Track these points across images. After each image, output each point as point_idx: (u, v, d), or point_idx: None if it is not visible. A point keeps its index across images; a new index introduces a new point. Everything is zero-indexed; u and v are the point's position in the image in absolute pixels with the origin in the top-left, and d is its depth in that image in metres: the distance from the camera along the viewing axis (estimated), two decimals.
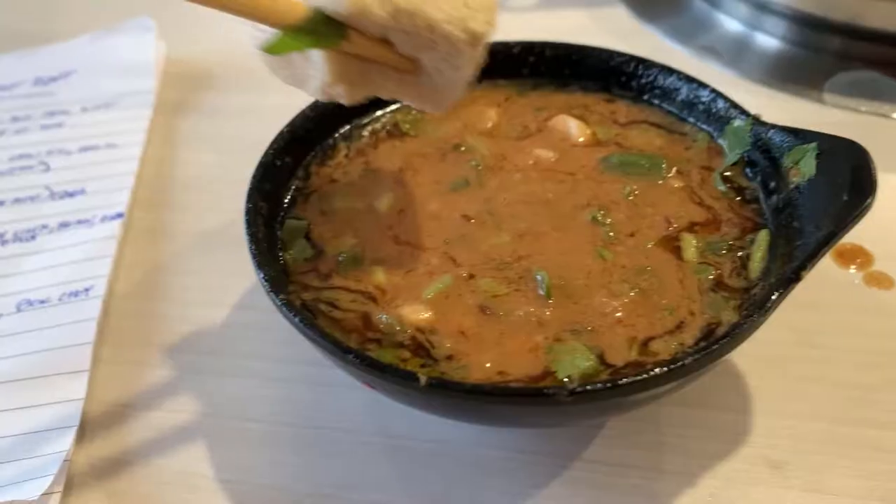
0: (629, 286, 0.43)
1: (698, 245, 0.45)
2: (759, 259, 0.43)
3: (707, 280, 0.43)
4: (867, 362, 0.49)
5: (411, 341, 0.41)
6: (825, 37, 0.74)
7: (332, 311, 0.44)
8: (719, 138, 0.51)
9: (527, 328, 0.41)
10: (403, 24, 0.39)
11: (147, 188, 0.65)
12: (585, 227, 0.47)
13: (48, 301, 0.55)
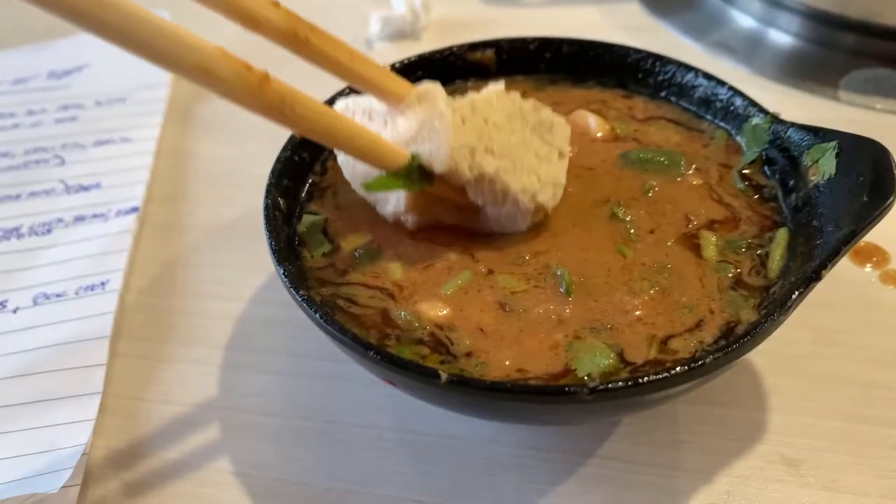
0: (649, 284, 0.43)
1: (717, 243, 0.45)
2: (779, 258, 0.43)
3: (727, 278, 0.43)
4: (884, 360, 0.49)
5: (430, 338, 0.41)
6: (839, 34, 0.73)
7: (350, 307, 0.44)
8: (737, 136, 0.51)
9: (546, 325, 0.41)
10: (483, 185, 0.44)
11: (162, 182, 0.65)
12: (605, 223, 0.47)
13: (65, 295, 0.55)
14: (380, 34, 0.79)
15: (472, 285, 0.44)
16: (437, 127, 0.42)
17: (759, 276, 0.43)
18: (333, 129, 0.41)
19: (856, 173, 0.42)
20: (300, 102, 0.39)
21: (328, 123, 0.41)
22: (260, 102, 0.38)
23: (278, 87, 0.38)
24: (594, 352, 0.39)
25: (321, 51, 0.42)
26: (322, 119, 0.40)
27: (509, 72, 0.57)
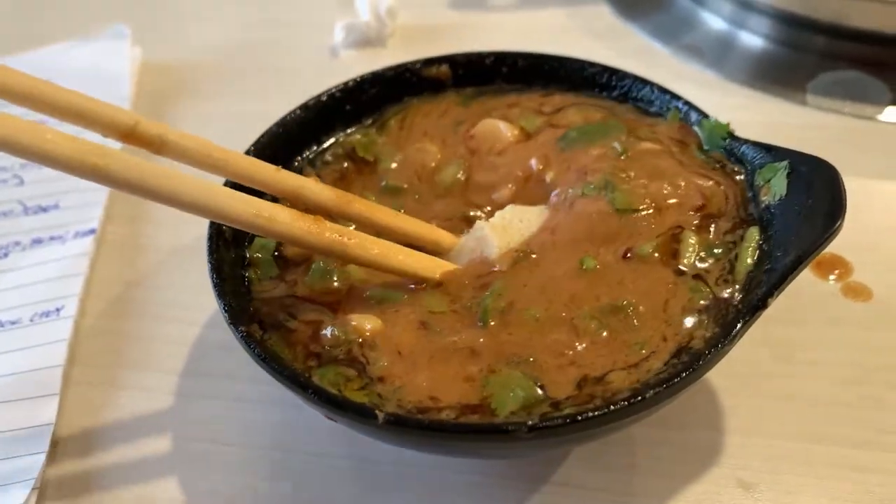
0: (598, 324, 0.41)
1: (696, 245, 0.43)
2: (748, 262, 0.41)
3: (696, 302, 0.41)
4: (845, 378, 0.49)
5: (347, 356, 0.41)
6: (809, 36, 0.73)
7: (288, 321, 0.44)
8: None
9: (459, 355, 0.40)
10: None
11: (121, 201, 0.64)
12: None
13: (19, 322, 0.54)
14: (345, 42, 0.78)
15: (407, 301, 0.44)
16: (484, 244, 0.45)
17: (726, 284, 0.41)
18: (387, 259, 0.44)
19: (806, 195, 0.41)
20: (354, 237, 0.44)
21: (381, 252, 0.44)
22: (319, 241, 0.43)
23: (333, 226, 0.43)
24: (511, 385, 0.38)
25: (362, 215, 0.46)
26: (374, 248, 0.44)
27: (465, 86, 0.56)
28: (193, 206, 0.40)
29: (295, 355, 0.42)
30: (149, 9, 0.88)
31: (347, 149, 0.53)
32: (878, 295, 0.53)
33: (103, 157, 0.37)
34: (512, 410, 0.37)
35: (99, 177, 0.37)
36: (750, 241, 0.43)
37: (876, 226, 0.57)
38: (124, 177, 0.37)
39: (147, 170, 0.38)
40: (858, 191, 0.59)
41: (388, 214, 0.46)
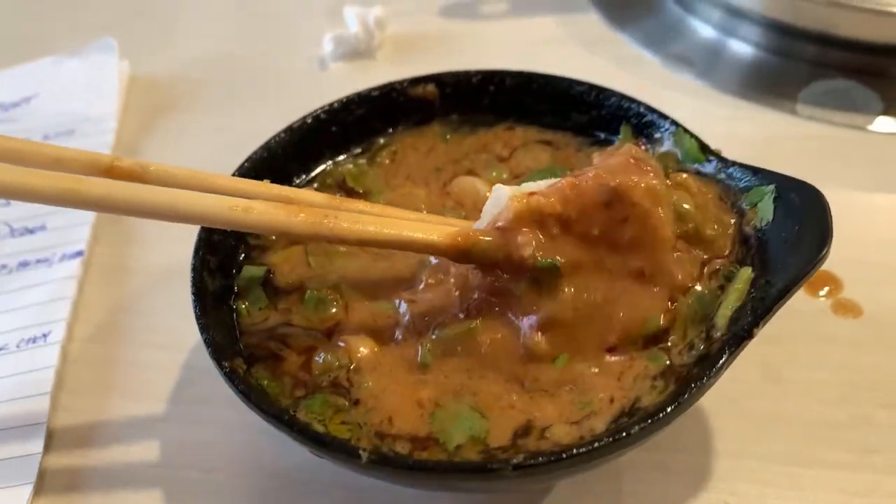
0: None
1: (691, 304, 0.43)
2: (730, 309, 0.41)
3: (654, 368, 0.41)
4: (835, 397, 0.49)
5: (332, 382, 0.42)
6: (799, 44, 0.72)
7: (280, 350, 0.44)
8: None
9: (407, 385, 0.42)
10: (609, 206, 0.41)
11: (108, 222, 0.64)
12: None
13: (6, 348, 0.54)
14: (334, 54, 0.78)
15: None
16: (496, 203, 0.43)
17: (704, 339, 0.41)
18: (386, 231, 0.42)
19: (792, 220, 0.41)
20: (343, 213, 0.42)
21: (379, 227, 0.42)
22: (302, 224, 0.41)
23: (317, 209, 0.42)
24: (459, 418, 0.39)
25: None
26: (371, 223, 0.42)
27: (452, 107, 0.55)
28: (162, 212, 0.40)
29: (282, 387, 0.42)
30: (135, 21, 0.87)
31: (338, 178, 0.53)
32: (869, 311, 0.53)
33: (75, 182, 0.38)
34: (459, 443, 0.38)
35: (68, 200, 0.38)
36: (740, 284, 0.42)
37: (867, 240, 0.57)
38: (93, 196, 0.38)
39: (114, 186, 0.39)
40: (849, 204, 0.60)
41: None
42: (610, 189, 0.41)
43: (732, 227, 0.45)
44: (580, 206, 0.41)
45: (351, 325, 0.45)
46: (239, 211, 0.40)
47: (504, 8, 0.83)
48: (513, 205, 0.41)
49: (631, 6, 0.84)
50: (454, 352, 0.43)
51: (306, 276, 0.48)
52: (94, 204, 0.39)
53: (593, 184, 0.41)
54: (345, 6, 0.80)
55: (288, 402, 0.41)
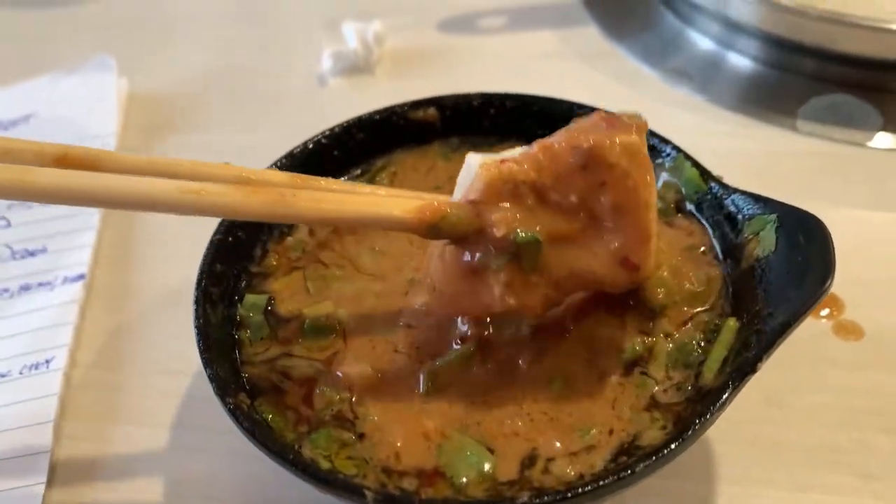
0: (546, 416, 0.42)
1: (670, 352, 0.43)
2: (719, 359, 0.41)
3: (644, 396, 0.42)
4: (837, 422, 0.49)
5: (335, 417, 0.42)
6: (798, 58, 0.72)
7: (282, 382, 0.44)
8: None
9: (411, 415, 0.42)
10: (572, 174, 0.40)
11: (109, 243, 0.64)
12: None
13: (9, 375, 0.54)
14: (333, 70, 0.78)
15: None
16: (468, 172, 0.40)
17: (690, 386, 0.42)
18: (347, 208, 0.40)
19: (795, 251, 0.41)
20: (301, 191, 0.39)
21: (339, 203, 0.40)
22: (258, 204, 0.38)
23: (274, 188, 0.39)
24: (465, 451, 0.39)
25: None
26: (331, 200, 0.40)
27: (453, 130, 0.55)
28: (111, 199, 0.38)
29: (286, 421, 0.42)
30: (132, 37, 0.87)
31: None
32: (869, 333, 0.53)
33: (23, 172, 0.37)
34: (465, 477, 0.39)
35: (16, 191, 0.37)
36: (726, 335, 0.42)
37: (867, 259, 0.57)
38: (42, 186, 0.37)
39: (63, 176, 0.37)
40: (850, 223, 0.60)
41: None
42: (584, 151, 0.39)
43: (717, 279, 0.45)
44: (555, 171, 0.39)
45: (350, 353, 0.45)
46: (190, 194, 0.37)
47: (502, 22, 0.83)
48: (483, 173, 0.39)
49: (630, 19, 0.84)
50: (455, 379, 0.43)
51: (305, 302, 0.48)
52: (44, 194, 0.37)
53: (567, 146, 0.39)
54: (343, 22, 0.80)
55: (292, 437, 0.41)
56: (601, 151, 0.39)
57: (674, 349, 0.42)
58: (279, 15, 0.89)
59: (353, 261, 0.50)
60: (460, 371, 0.43)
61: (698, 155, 0.51)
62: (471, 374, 0.43)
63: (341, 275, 0.49)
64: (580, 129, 0.40)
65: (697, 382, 0.41)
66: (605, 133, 0.39)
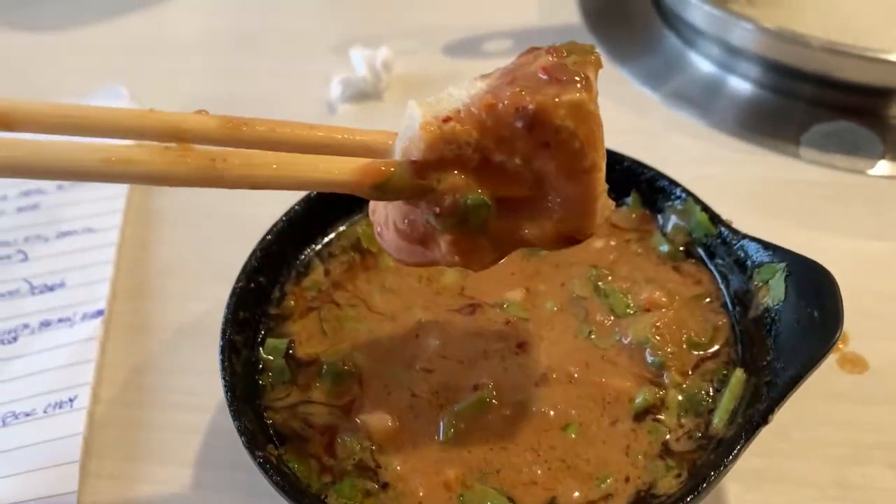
0: (562, 463, 0.43)
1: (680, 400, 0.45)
2: (728, 409, 0.43)
3: (657, 443, 0.43)
4: (844, 456, 0.50)
5: (357, 467, 0.43)
6: (799, 83, 0.73)
7: (304, 430, 0.45)
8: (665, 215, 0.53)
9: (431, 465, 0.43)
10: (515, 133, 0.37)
11: (126, 276, 0.65)
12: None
13: (33, 413, 0.55)
14: (342, 97, 0.79)
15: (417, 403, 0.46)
16: (410, 124, 0.37)
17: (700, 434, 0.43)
18: (283, 173, 0.37)
19: (804, 301, 0.42)
20: (232, 155, 0.36)
21: (275, 167, 0.36)
22: (189, 168, 0.35)
23: (204, 151, 0.36)
24: (486, 502, 0.41)
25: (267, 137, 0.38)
26: (266, 165, 0.36)
27: None
28: (23, 168, 0.34)
29: (310, 471, 0.43)
30: (140, 62, 0.88)
31: (353, 240, 0.54)
32: (874, 366, 0.54)
33: None
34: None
35: None
36: (734, 387, 0.44)
37: (871, 291, 0.58)
38: None
39: None
40: (853, 253, 0.61)
41: (302, 128, 0.39)
42: (529, 113, 0.36)
43: (724, 328, 0.47)
44: (498, 133, 0.37)
45: (367, 400, 0.46)
46: (115, 163, 0.34)
47: (507, 45, 0.84)
48: (425, 135, 0.37)
49: (633, 41, 0.85)
50: (473, 425, 0.44)
51: (322, 345, 0.49)
52: None
53: (510, 106, 0.36)
54: (350, 48, 0.81)
55: (318, 486, 0.42)
56: (545, 115, 0.36)
57: (684, 399, 0.44)
58: (286, 41, 0.89)
59: (365, 300, 0.52)
60: (478, 416, 0.45)
61: (702, 183, 0.53)
62: (488, 419, 0.45)
63: (354, 315, 0.51)
64: (524, 80, 0.37)
65: (708, 430, 0.42)
66: (551, 90, 0.36)
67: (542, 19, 0.88)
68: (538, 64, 0.38)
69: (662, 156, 0.70)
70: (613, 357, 0.46)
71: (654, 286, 0.49)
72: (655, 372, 0.45)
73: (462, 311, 0.51)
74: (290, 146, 0.38)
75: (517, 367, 0.47)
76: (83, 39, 0.92)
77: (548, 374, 0.46)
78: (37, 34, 0.94)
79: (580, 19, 0.87)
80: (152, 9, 0.96)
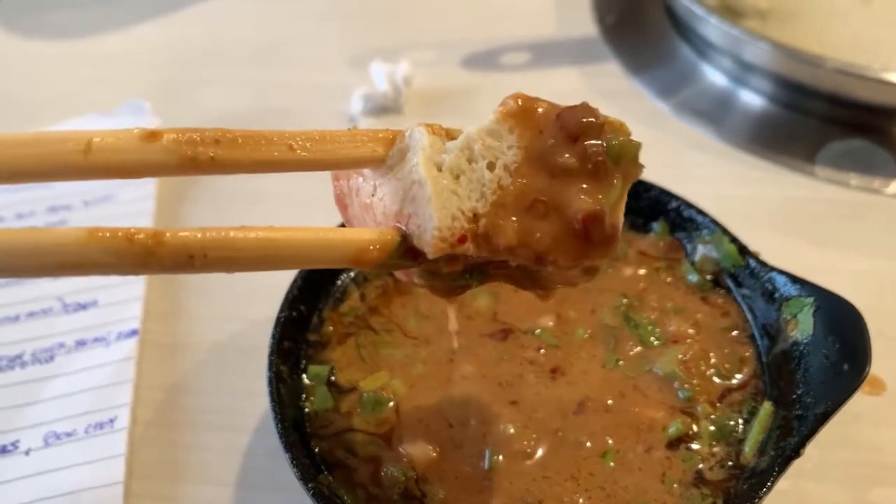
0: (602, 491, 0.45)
1: (710, 429, 0.47)
2: (757, 440, 0.45)
3: (691, 471, 0.45)
4: (863, 477, 0.52)
5: (403, 494, 0.45)
6: (812, 101, 0.75)
7: (348, 459, 0.47)
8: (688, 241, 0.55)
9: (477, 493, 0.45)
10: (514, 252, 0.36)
11: (158, 296, 0.66)
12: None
13: (74, 434, 0.57)
14: (363, 111, 0.80)
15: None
16: (418, 196, 0.35)
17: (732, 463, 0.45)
18: (269, 254, 0.34)
19: (833, 337, 0.44)
20: (213, 245, 0.33)
21: (258, 250, 0.34)
22: (162, 266, 0.32)
23: (178, 240, 0.32)
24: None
25: (241, 160, 0.35)
26: (249, 249, 0.34)
27: None
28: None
29: (357, 499, 0.45)
30: (162, 75, 0.88)
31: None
32: (892, 387, 0.56)
33: None
34: None
35: None
36: (763, 418, 0.46)
37: (887, 311, 0.60)
38: None
39: None
40: (870, 273, 0.63)
41: (281, 147, 0.36)
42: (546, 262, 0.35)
43: (751, 360, 0.49)
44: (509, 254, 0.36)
45: (405, 430, 0.48)
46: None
47: (525, 59, 0.85)
48: (435, 250, 0.35)
49: (648, 53, 0.86)
50: (513, 453, 0.46)
51: (361, 371, 0.51)
52: None
53: (530, 252, 0.36)
54: (370, 62, 0.82)
55: None
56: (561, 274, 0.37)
57: (715, 429, 0.46)
58: (307, 53, 0.90)
59: (400, 325, 0.53)
60: (518, 445, 0.46)
61: (721, 203, 0.55)
62: (527, 448, 0.46)
63: (390, 340, 0.53)
64: (554, 193, 0.36)
65: (739, 460, 0.44)
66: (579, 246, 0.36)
67: (560, 31, 0.89)
68: (576, 189, 0.35)
69: (680, 175, 0.72)
70: (644, 387, 0.48)
71: (682, 317, 0.51)
72: (686, 403, 0.47)
73: (494, 335, 0.52)
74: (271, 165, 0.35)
75: (551, 393, 0.49)
76: (101, 48, 0.93)
77: (584, 403, 0.48)
78: (54, 42, 0.94)
79: (596, 32, 0.88)
80: (170, 18, 0.96)
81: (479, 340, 0.52)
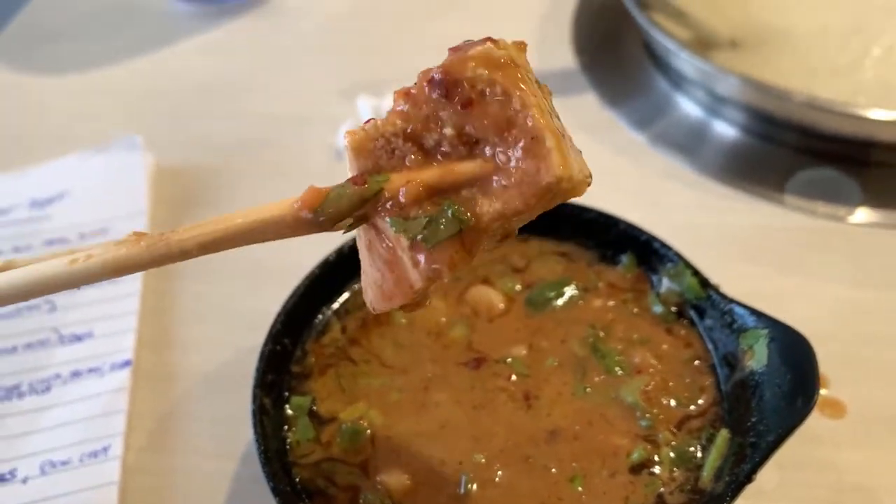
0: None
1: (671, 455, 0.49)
2: (714, 466, 0.47)
3: (653, 496, 0.47)
4: (823, 498, 0.54)
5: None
6: (783, 131, 0.78)
7: (328, 487, 0.49)
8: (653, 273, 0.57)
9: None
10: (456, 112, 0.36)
11: (150, 326, 0.68)
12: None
13: (70, 462, 0.59)
14: None
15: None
16: None
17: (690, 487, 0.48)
18: (225, 226, 0.38)
19: (785, 368, 0.47)
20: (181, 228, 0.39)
21: (214, 234, 0.38)
22: (141, 252, 0.39)
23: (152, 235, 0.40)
24: None
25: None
26: (210, 224, 0.39)
27: None
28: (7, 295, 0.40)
29: None
30: (154, 107, 0.91)
31: (359, 302, 0.58)
32: (852, 411, 0.59)
33: None
34: None
35: None
36: (719, 445, 0.49)
37: (850, 337, 0.63)
38: None
39: None
40: (833, 299, 0.65)
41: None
42: (439, 79, 0.36)
43: (711, 388, 0.51)
44: (420, 113, 0.36)
45: (381, 459, 0.50)
46: (79, 263, 0.39)
47: None
48: (350, 141, 0.37)
49: (625, 84, 0.89)
50: (488, 479, 0.48)
51: (341, 401, 0.54)
52: None
53: (420, 83, 0.37)
54: (357, 95, 0.85)
55: None
56: (455, 72, 0.36)
57: (675, 455, 0.48)
58: (294, 89, 0.93)
59: (378, 355, 0.56)
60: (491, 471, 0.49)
61: (690, 232, 0.57)
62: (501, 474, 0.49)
63: (368, 370, 0.55)
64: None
65: (697, 484, 0.47)
66: (455, 55, 0.37)
67: (540, 63, 0.90)
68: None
69: (655, 205, 0.75)
70: (610, 415, 0.51)
71: (647, 348, 0.53)
72: (648, 431, 0.49)
73: (469, 364, 0.55)
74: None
75: (523, 422, 0.51)
76: (94, 82, 0.96)
77: (556, 432, 0.50)
78: (47, 75, 0.97)
79: (575, 64, 0.91)
80: (163, 52, 0.99)
81: (454, 369, 0.55)
